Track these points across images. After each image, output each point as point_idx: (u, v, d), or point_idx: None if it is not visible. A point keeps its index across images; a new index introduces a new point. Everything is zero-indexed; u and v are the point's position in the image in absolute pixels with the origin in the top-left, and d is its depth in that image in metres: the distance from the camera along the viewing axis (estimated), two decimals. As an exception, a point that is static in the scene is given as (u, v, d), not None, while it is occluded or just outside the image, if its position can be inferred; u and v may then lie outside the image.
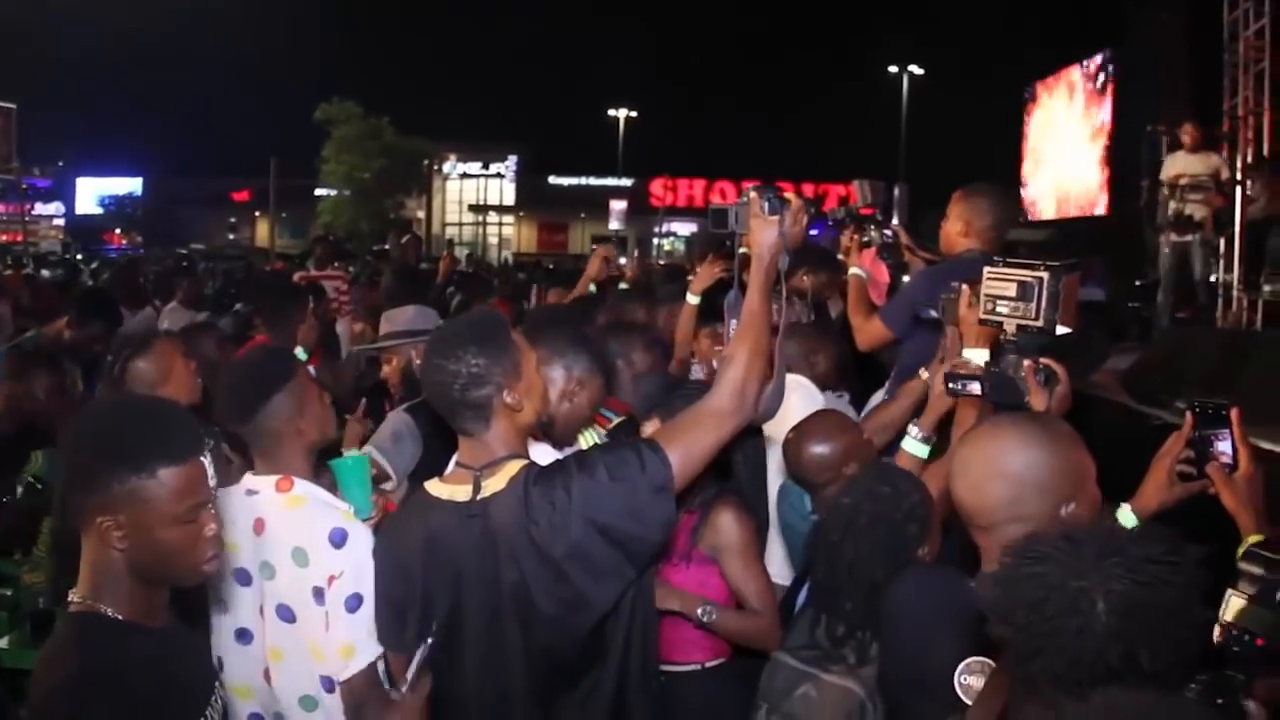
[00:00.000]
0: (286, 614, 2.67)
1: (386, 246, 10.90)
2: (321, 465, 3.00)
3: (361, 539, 2.65)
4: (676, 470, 2.32)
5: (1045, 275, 2.60)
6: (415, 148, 46.52)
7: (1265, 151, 13.00)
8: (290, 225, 48.33)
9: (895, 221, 5.39)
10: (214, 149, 52.97)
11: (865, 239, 4.65)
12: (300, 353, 5.35)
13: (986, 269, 2.70)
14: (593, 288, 5.96)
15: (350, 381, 6.07)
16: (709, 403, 2.46)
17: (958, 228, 4.23)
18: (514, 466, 2.37)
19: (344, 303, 8.54)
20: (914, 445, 3.26)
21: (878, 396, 4.36)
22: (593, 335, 3.66)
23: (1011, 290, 2.64)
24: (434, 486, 2.45)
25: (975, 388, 2.78)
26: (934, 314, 3.41)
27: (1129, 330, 11.19)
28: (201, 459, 1.98)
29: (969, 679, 2.08)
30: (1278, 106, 15.39)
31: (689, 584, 3.15)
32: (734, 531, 3.15)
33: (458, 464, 2.44)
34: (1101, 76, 21.69)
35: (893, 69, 41.72)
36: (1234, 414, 2.34)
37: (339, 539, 2.62)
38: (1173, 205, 10.26)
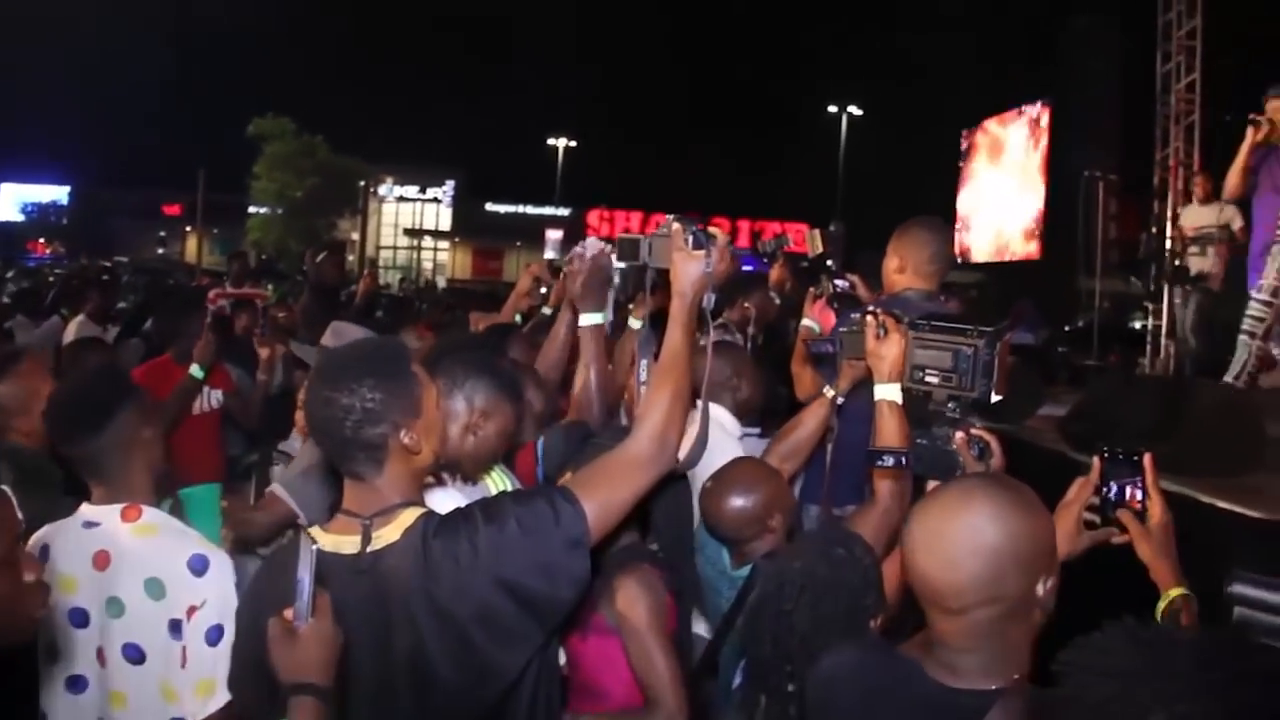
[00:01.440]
0: (134, 653, 2.46)
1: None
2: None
3: (225, 567, 2.48)
4: (592, 523, 2.10)
5: (979, 343, 2.41)
6: (350, 168, 45.91)
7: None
8: (221, 241, 47.45)
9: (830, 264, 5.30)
10: (146, 160, 51.75)
11: (817, 289, 4.55)
12: (196, 370, 5.08)
13: (913, 334, 2.51)
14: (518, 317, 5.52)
15: (259, 407, 5.80)
16: (627, 450, 2.25)
17: (895, 264, 4.08)
18: (409, 515, 2.09)
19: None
20: None
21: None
22: (502, 362, 3.39)
23: (943, 360, 2.45)
24: (315, 535, 2.13)
25: (892, 462, 2.60)
26: (826, 349, 3.27)
27: (1059, 375, 11.15)
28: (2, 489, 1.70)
29: None
30: (1208, 157, 15.69)
31: (589, 657, 2.82)
32: (638, 607, 2.75)
33: (342, 511, 2.13)
34: (1037, 123, 21.93)
35: (832, 109, 42.08)
36: (1147, 460, 2.24)
37: (200, 566, 2.45)
38: (1178, 259, 10.19)
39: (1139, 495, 2.23)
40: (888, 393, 2.77)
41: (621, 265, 2.68)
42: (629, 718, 2.76)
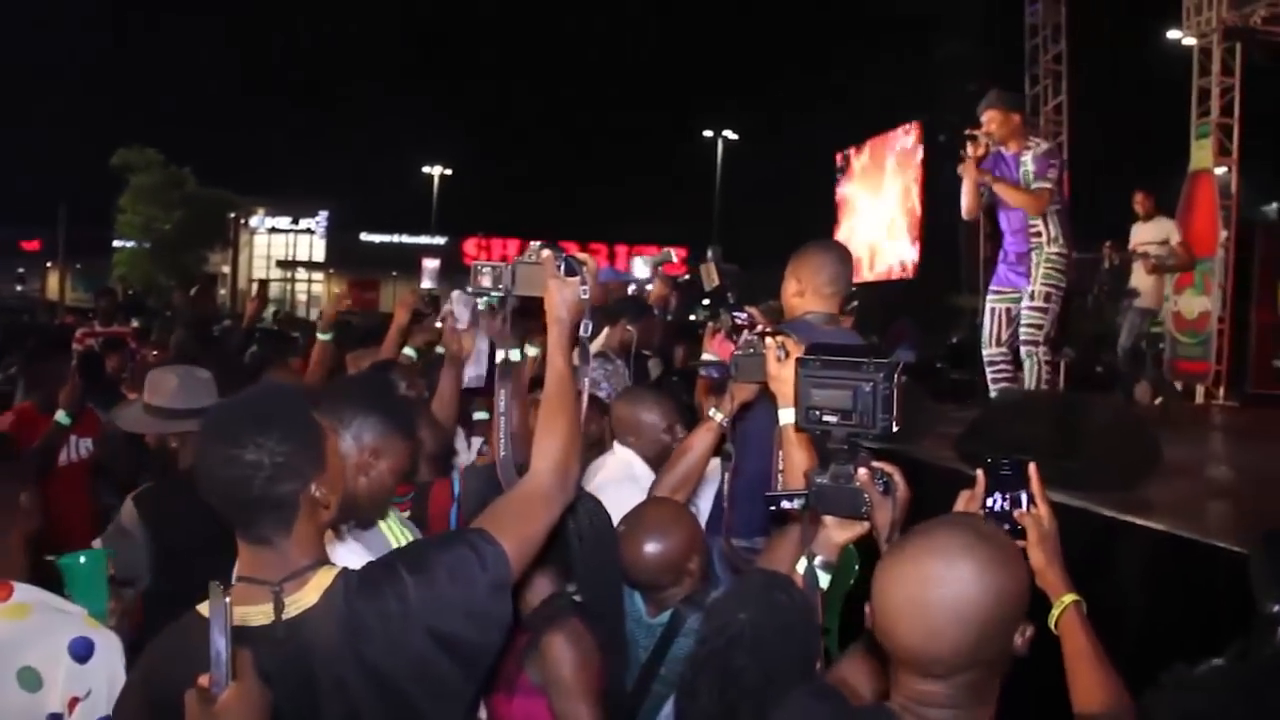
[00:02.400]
0: None
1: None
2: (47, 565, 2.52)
3: (113, 649, 2.22)
4: (513, 564, 1.98)
5: (877, 377, 2.31)
6: (219, 199, 44.81)
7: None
8: (85, 278, 45.92)
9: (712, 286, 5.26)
10: (1, 193, 49.91)
11: (716, 323, 4.48)
12: (62, 417, 4.80)
13: (802, 372, 2.41)
14: (411, 351, 5.25)
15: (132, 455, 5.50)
16: (532, 484, 2.15)
17: (793, 288, 4.02)
18: (325, 576, 1.91)
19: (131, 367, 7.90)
20: None
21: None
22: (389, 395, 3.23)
23: (841, 400, 2.35)
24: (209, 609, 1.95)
25: (795, 504, 2.50)
26: (715, 374, 3.20)
27: (945, 391, 11.30)
28: None
29: None
30: (1077, 179, 16.20)
31: (515, 717, 2.66)
32: (565, 664, 2.61)
33: (242, 579, 1.92)
34: (911, 144, 22.40)
35: (708, 133, 42.48)
36: (1031, 470, 2.21)
37: (83, 651, 2.18)
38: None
39: (1024, 506, 2.22)
40: (791, 417, 2.68)
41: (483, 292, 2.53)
42: None
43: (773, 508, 2.53)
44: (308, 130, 58.58)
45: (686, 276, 5.28)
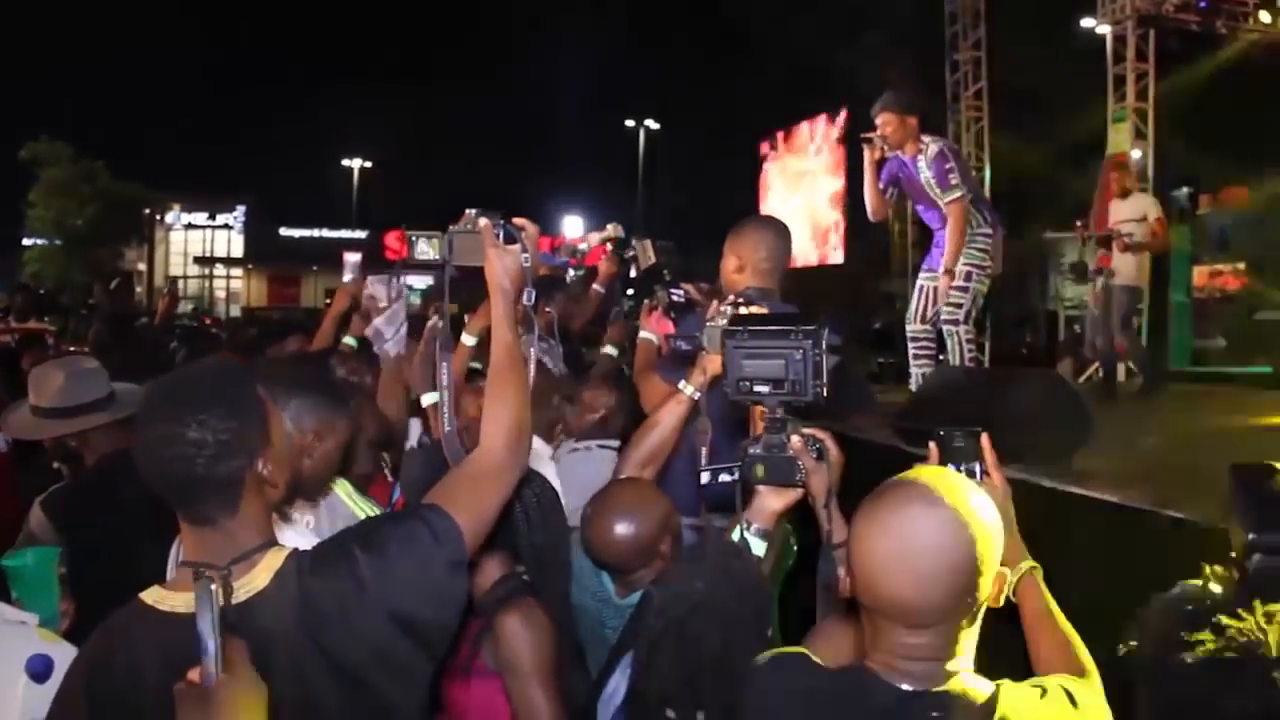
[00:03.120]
0: None
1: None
2: None
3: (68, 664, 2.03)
4: (468, 540, 1.93)
5: (806, 345, 2.30)
6: (133, 194, 43.80)
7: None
8: (-6, 280, 44.82)
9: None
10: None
11: (652, 300, 4.44)
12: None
13: (730, 343, 2.39)
14: (352, 340, 5.03)
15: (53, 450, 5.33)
16: (484, 457, 2.10)
17: (733, 264, 4.02)
18: (275, 557, 1.84)
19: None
20: None
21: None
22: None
23: (772, 369, 2.33)
24: (154, 597, 1.83)
25: (731, 477, 2.47)
26: (685, 346, 3.15)
27: (872, 375, 11.40)
28: None
29: None
30: (996, 162, 16.46)
31: (472, 702, 2.61)
32: (522, 645, 2.55)
33: (186, 564, 1.84)
34: (833, 133, 22.54)
35: (629, 123, 42.50)
36: (984, 440, 2.23)
37: (41, 669, 2.08)
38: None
39: (977, 475, 2.22)
40: None
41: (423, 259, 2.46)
42: None
43: (707, 480, 2.51)
44: (223, 122, 57.56)
45: (632, 254, 5.25)
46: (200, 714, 1.54)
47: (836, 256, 22.56)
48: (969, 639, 1.74)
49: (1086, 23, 14.56)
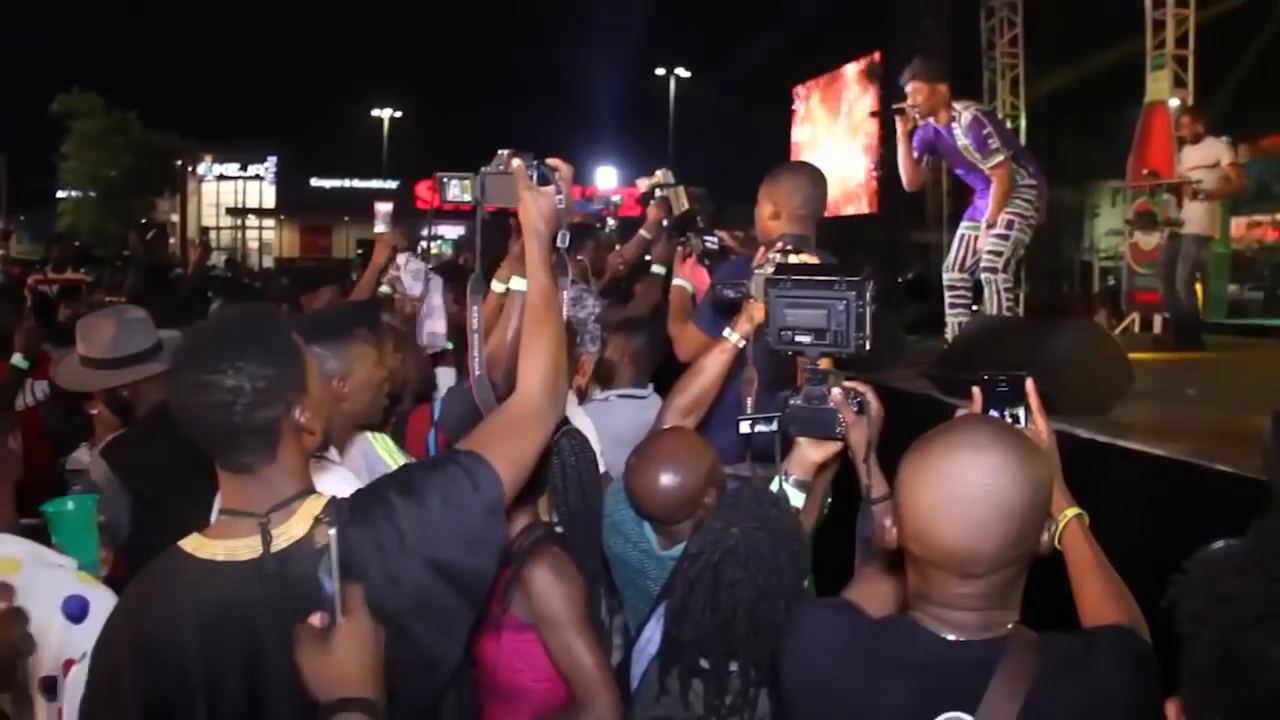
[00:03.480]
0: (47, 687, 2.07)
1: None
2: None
3: (108, 607, 2.04)
4: (506, 486, 1.91)
5: (850, 295, 2.27)
6: (166, 145, 43.91)
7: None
8: (29, 229, 44.99)
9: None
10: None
11: (686, 247, 4.42)
12: (19, 361, 4.67)
13: (773, 292, 2.36)
14: (388, 289, 5.12)
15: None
16: (521, 402, 2.07)
17: (768, 211, 3.98)
18: (314, 504, 1.82)
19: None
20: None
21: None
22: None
23: (815, 319, 2.30)
24: (194, 545, 1.81)
25: (769, 427, 2.46)
26: (730, 294, 3.11)
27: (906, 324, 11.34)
28: None
29: None
30: (1032, 110, 16.23)
31: (504, 656, 2.59)
32: (554, 596, 2.53)
33: (225, 512, 1.83)
34: (866, 81, 22.26)
35: (660, 71, 42.22)
36: (1029, 385, 2.17)
37: (77, 610, 2.06)
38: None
39: (1022, 421, 2.18)
40: None
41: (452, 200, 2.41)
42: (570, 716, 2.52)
43: (746, 430, 2.50)
44: (254, 73, 57.41)
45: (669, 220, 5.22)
46: (321, 657, 1.59)
47: (869, 206, 22.35)
48: (1017, 588, 1.72)
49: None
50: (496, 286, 4.19)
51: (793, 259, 2.89)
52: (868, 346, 2.31)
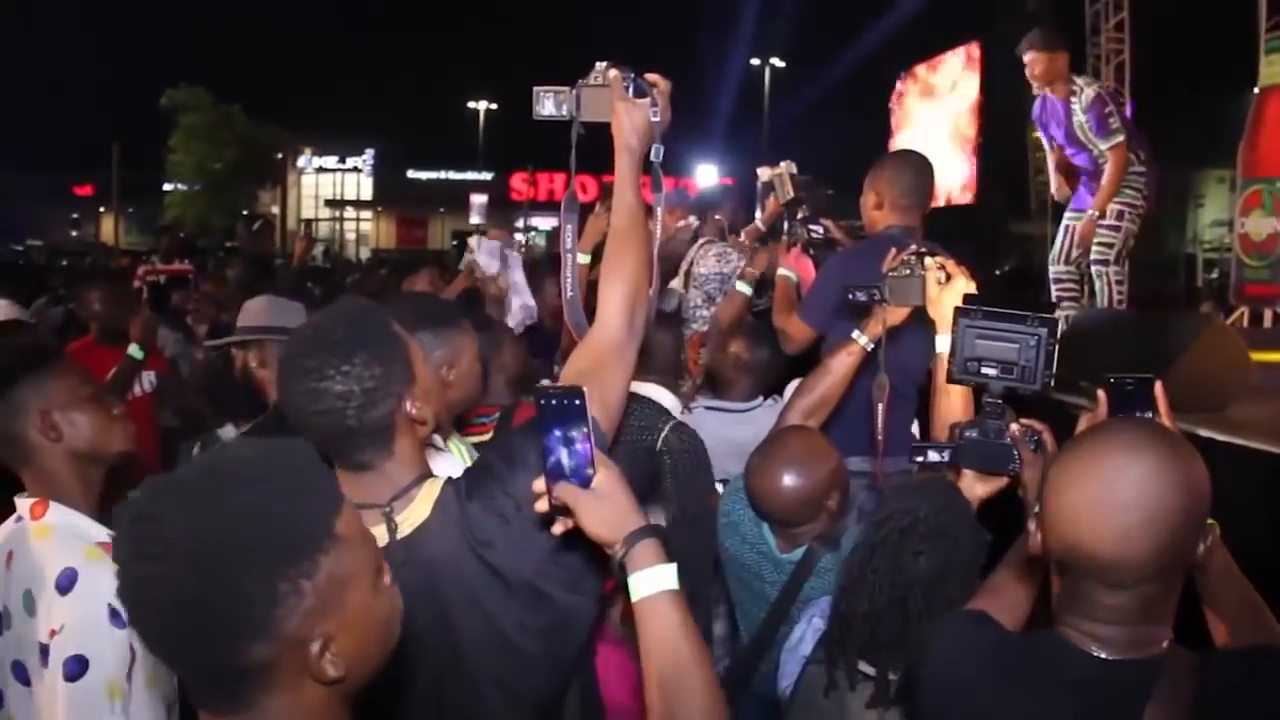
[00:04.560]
0: (21, 674, 2.12)
1: (236, 243, 10.17)
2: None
3: (99, 584, 2.08)
4: (602, 426, 1.87)
5: (1042, 332, 2.26)
6: (268, 138, 44.81)
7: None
8: (137, 220, 46.20)
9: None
10: (52, 139, 49.87)
11: (791, 237, 4.37)
12: (135, 351, 4.77)
13: (963, 321, 2.33)
14: None
15: (201, 386, 5.47)
16: (602, 335, 2.03)
17: (871, 201, 3.93)
18: (433, 488, 1.84)
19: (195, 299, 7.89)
20: None
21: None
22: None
23: (1005, 352, 2.28)
24: None
25: (942, 456, 2.41)
26: (863, 297, 3.06)
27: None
28: None
29: None
30: (1137, 95, 15.81)
31: (610, 670, 2.51)
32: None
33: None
34: (968, 67, 21.88)
35: (755, 62, 42.00)
36: (1158, 389, 2.11)
37: (65, 583, 2.08)
38: None
39: None
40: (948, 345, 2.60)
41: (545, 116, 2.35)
42: None
43: (919, 459, 2.46)
44: (353, 67, 58.28)
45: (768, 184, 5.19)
46: (598, 503, 1.64)
47: (967, 196, 22.01)
48: (1171, 601, 1.63)
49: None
50: (581, 258, 4.18)
51: (928, 260, 2.84)
52: (1052, 384, 2.30)
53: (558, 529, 1.67)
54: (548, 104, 2.32)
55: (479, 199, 44.19)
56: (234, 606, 1.20)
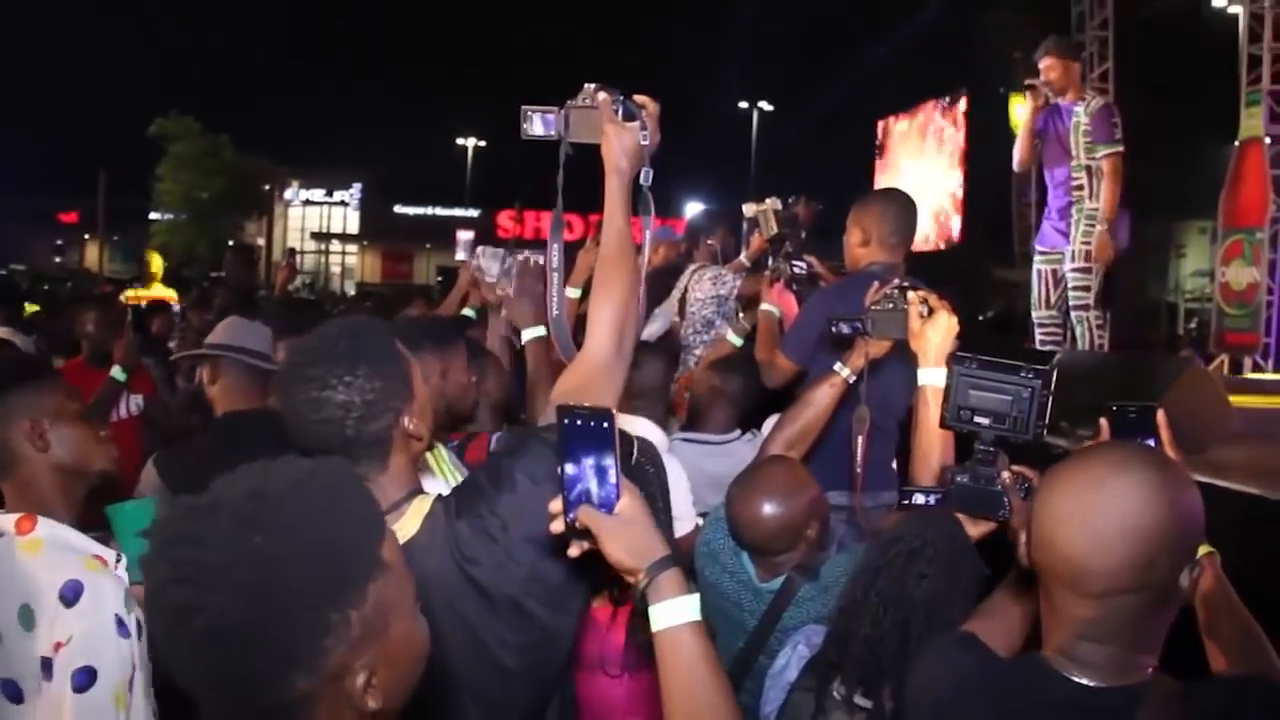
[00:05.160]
0: (13, 691, 2.10)
1: (223, 274, 10.17)
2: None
3: (104, 595, 2.10)
4: None
5: (1036, 384, 2.27)
6: (256, 169, 44.79)
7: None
8: (122, 249, 46.07)
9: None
10: (37, 165, 49.60)
11: (774, 271, 4.40)
12: (118, 373, 4.77)
13: (957, 369, 2.35)
14: (471, 312, 5.13)
15: (181, 413, 5.45)
16: (591, 356, 2.05)
17: (857, 237, 3.96)
18: (423, 504, 1.87)
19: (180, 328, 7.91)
20: None
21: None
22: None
23: (998, 403, 2.29)
24: None
25: (930, 500, 2.44)
26: (846, 329, 3.08)
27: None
28: None
29: None
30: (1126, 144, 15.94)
31: (632, 699, 2.56)
32: None
33: None
34: (953, 114, 22.07)
35: (743, 104, 42.28)
36: (1160, 417, 2.14)
37: (70, 595, 2.08)
38: None
39: None
40: (934, 378, 2.62)
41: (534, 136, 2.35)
42: None
43: (906, 502, 2.47)
44: (342, 101, 58.43)
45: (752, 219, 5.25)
46: (621, 529, 1.61)
47: (952, 241, 22.15)
48: (1154, 628, 1.63)
49: (1217, 3, 14.08)
50: (571, 293, 4.21)
51: (910, 294, 2.86)
52: (1045, 436, 2.31)
53: (573, 551, 1.66)
54: (536, 124, 2.33)
55: (465, 235, 44.24)
56: (283, 637, 1.16)
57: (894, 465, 3.86)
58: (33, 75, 50.15)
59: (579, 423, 1.61)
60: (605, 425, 1.60)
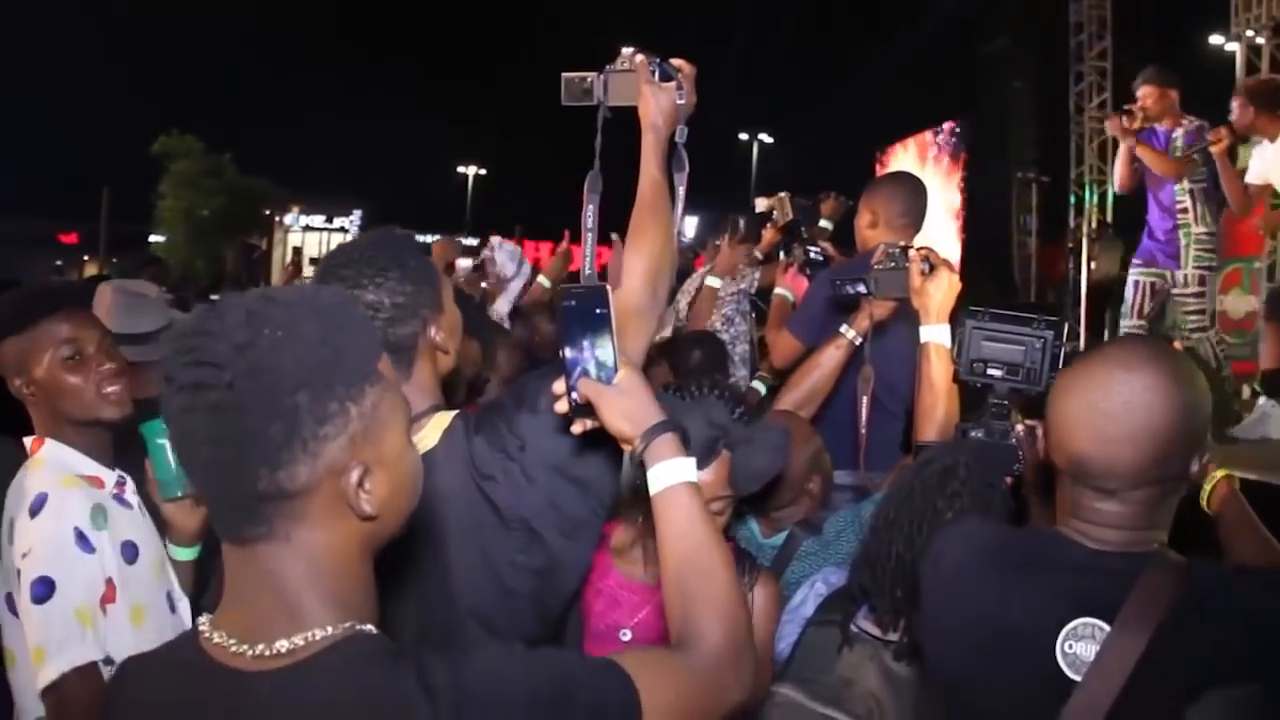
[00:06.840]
0: (10, 604, 2.15)
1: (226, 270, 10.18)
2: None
3: (67, 507, 2.12)
4: None
5: (1049, 335, 2.32)
6: (257, 190, 44.80)
7: (1108, 218, 13.55)
8: (122, 271, 45.90)
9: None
10: (38, 186, 49.82)
11: (788, 257, 4.44)
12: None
13: (970, 322, 2.38)
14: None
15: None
16: (624, 299, 2.04)
17: (866, 219, 4.00)
18: (444, 418, 1.88)
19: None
20: None
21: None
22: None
23: (1011, 354, 2.32)
24: None
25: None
26: (849, 290, 3.11)
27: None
28: None
29: (1076, 646, 1.61)
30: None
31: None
32: (764, 620, 2.41)
33: None
34: (952, 144, 22.17)
35: (743, 136, 42.50)
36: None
37: (35, 506, 2.11)
38: None
39: None
40: (936, 334, 2.64)
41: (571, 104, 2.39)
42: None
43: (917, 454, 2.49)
44: (344, 127, 58.66)
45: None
46: (621, 398, 1.65)
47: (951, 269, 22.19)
48: (1165, 509, 1.70)
49: (1214, 40, 14.21)
50: (543, 280, 4.21)
51: (911, 253, 2.88)
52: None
53: (577, 429, 1.69)
54: (576, 90, 2.39)
55: (465, 263, 44.32)
56: (285, 417, 1.21)
57: (900, 451, 3.87)
58: (38, 95, 50.26)
59: (575, 304, 1.65)
60: (600, 306, 1.64)
